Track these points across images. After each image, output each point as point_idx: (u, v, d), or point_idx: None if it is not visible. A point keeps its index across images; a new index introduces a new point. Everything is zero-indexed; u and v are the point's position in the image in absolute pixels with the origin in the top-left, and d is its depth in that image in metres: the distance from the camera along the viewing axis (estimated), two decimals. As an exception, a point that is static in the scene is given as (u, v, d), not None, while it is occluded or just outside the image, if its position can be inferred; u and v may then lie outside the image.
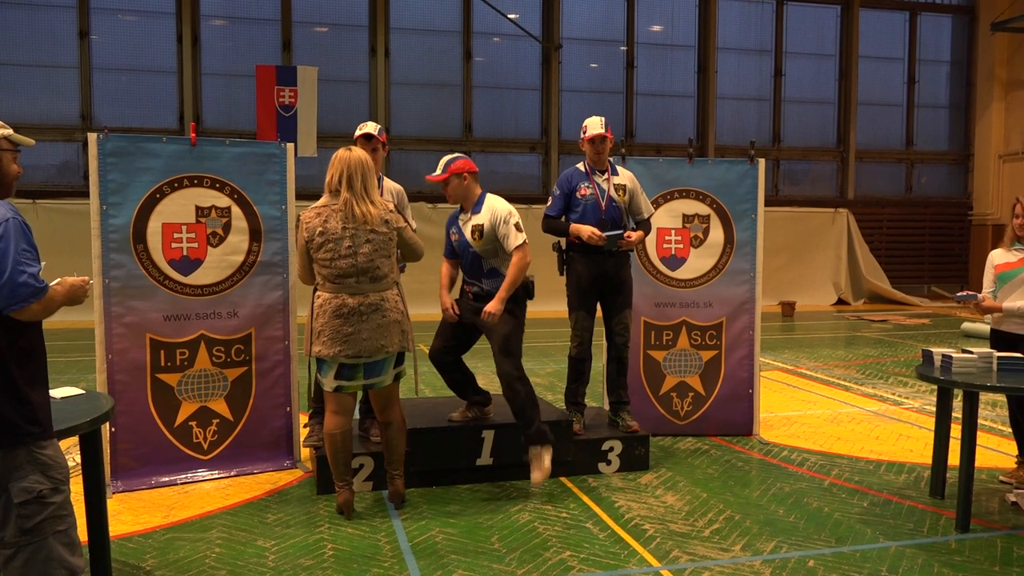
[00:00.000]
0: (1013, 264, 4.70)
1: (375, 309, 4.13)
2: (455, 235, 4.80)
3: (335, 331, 4.10)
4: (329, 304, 4.11)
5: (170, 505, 4.50)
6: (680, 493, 4.76)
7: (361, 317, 4.11)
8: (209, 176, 4.90)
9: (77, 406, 3.24)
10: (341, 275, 4.10)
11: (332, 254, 4.09)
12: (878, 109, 17.75)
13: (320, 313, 4.13)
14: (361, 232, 4.10)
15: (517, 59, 15.89)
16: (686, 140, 6.83)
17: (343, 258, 4.08)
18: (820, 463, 5.38)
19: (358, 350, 4.11)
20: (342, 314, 4.09)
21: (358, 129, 4.83)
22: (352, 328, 4.10)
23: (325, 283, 4.14)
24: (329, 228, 4.09)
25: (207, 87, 14.40)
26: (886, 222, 17.68)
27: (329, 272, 4.12)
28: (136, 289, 4.73)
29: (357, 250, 4.09)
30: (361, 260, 4.10)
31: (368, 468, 4.72)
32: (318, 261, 4.14)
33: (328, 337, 4.11)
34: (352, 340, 4.10)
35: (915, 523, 4.30)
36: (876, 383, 8.20)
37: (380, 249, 4.14)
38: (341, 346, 4.10)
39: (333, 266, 4.10)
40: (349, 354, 4.11)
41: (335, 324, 4.10)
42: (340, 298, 4.10)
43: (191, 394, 4.88)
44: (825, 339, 11.82)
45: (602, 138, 5.15)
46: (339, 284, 4.11)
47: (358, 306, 4.10)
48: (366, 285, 4.12)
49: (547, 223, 5.29)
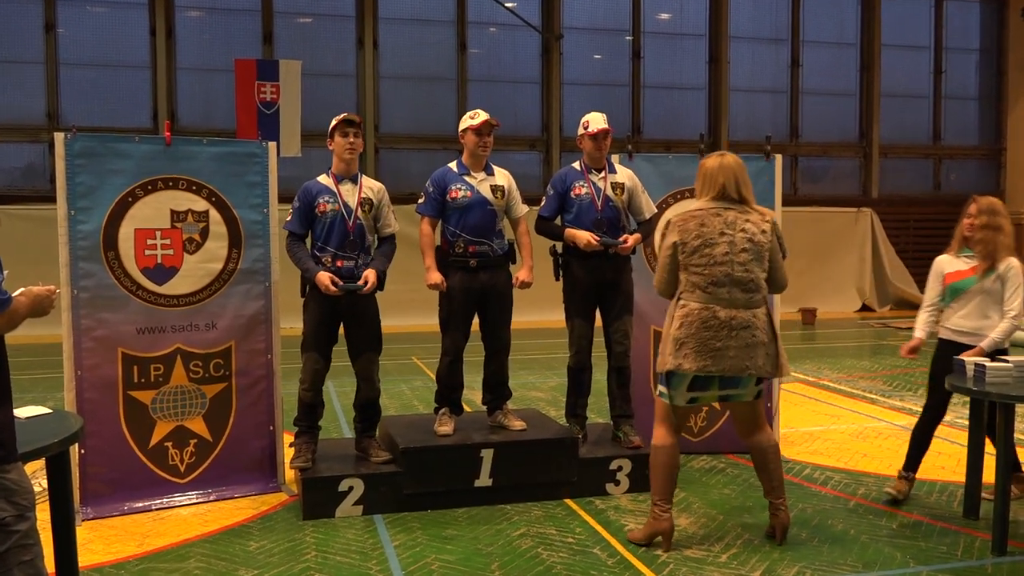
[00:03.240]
0: (965, 273, 4.66)
1: (745, 326, 4.10)
2: (460, 191, 4.96)
3: (702, 344, 4.07)
4: (698, 315, 4.09)
5: (144, 533, 4.49)
6: (694, 515, 4.75)
7: (731, 333, 4.08)
8: (185, 178, 4.90)
9: (44, 426, 3.23)
10: (714, 284, 4.09)
11: (707, 259, 4.08)
12: (903, 101, 17.79)
13: (686, 324, 4.10)
14: (739, 239, 4.10)
15: (515, 50, 15.93)
16: (697, 136, 6.84)
17: (719, 265, 4.09)
18: (845, 482, 5.38)
19: (722, 368, 4.08)
20: (711, 326, 4.08)
21: (336, 118, 4.85)
22: (721, 343, 4.08)
23: (695, 291, 4.12)
24: (706, 231, 4.10)
25: (182, 83, 14.43)
26: (913, 222, 17.69)
27: (701, 279, 4.10)
28: (107, 300, 4.73)
29: (734, 259, 4.09)
30: (737, 270, 4.10)
31: (358, 491, 4.71)
32: (689, 267, 4.12)
33: (692, 350, 4.07)
34: (718, 356, 4.07)
35: (948, 546, 4.29)
36: (904, 395, 8.19)
37: (756, 260, 4.14)
38: (706, 361, 4.07)
39: (707, 273, 4.09)
40: (713, 371, 4.08)
41: (703, 336, 4.07)
42: (711, 309, 4.09)
43: (166, 413, 4.87)
44: (849, 348, 11.81)
45: (606, 133, 5.17)
46: (711, 294, 4.10)
47: (729, 320, 4.09)
48: (739, 298, 4.11)
49: (541, 225, 5.31)
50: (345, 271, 4.78)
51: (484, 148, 5.06)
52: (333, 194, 4.82)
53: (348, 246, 4.80)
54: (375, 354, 4.97)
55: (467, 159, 5.11)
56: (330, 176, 4.90)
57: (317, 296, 4.77)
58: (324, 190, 4.84)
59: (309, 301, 4.86)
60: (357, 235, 4.82)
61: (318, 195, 4.82)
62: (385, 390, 6.23)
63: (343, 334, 4.95)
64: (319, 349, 4.85)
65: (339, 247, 4.79)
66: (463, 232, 4.99)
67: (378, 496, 4.75)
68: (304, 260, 4.78)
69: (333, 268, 4.76)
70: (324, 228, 4.80)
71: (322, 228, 4.81)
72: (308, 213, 4.83)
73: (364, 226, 4.86)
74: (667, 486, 4.23)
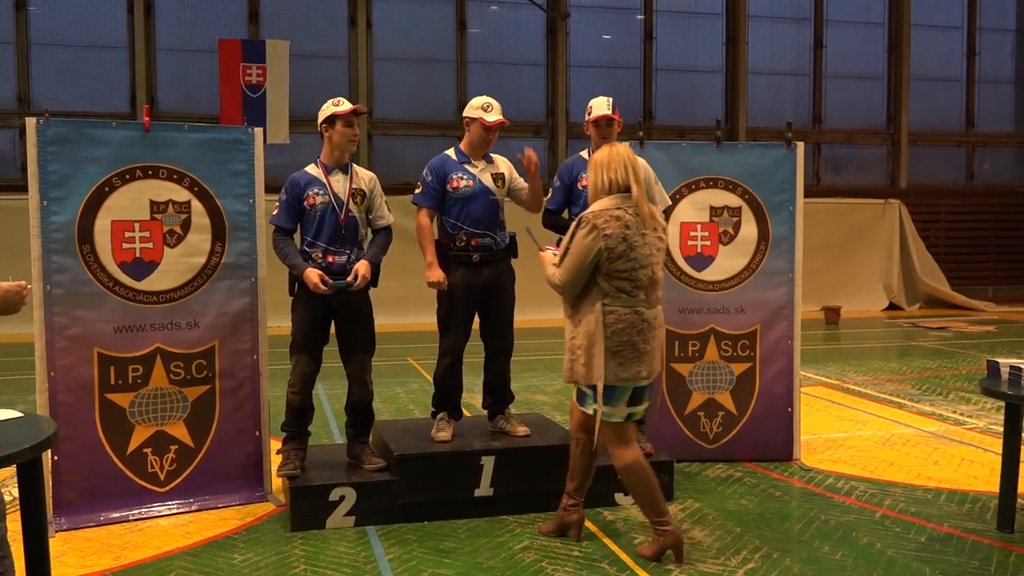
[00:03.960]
0: None
1: (660, 325, 4.26)
2: (461, 181, 4.98)
3: (635, 350, 4.14)
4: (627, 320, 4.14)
5: (122, 545, 4.50)
6: (709, 527, 4.75)
7: (653, 333, 4.19)
8: (165, 166, 4.90)
9: (14, 431, 3.23)
10: (639, 287, 4.15)
11: (633, 263, 4.12)
12: (934, 85, 17.78)
13: (617, 331, 4.12)
14: (651, 239, 4.19)
15: (518, 30, 15.93)
16: (713, 122, 6.84)
17: (643, 268, 4.14)
18: (871, 492, 5.38)
19: (651, 370, 4.21)
20: (641, 330, 4.15)
21: (334, 103, 4.83)
22: (648, 345, 4.17)
23: (620, 295, 4.15)
24: (630, 234, 4.12)
25: (162, 64, 14.45)
26: (944, 215, 17.69)
27: (628, 284, 4.14)
28: (82, 296, 4.73)
29: (652, 260, 4.18)
30: (656, 271, 4.20)
31: (350, 500, 4.72)
32: (613, 272, 4.13)
33: (627, 358, 4.13)
34: (647, 359, 4.18)
35: (980, 561, 4.29)
36: (934, 400, 8.19)
37: (662, 258, 4.29)
38: (640, 367, 4.15)
39: (633, 277, 4.13)
40: (645, 375, 4.18)
41: (635, 341, 4.14)
42: (639, 313, 4.15)
43: (146, 417, 4.87)
44: (875, 349, 11.81)
45: (608, 120, 5.16)
46: (635, 297, 4.16)
47: (653, 320, 4.20)
48: (654, 298, 4.23)
49: (547, 219, 5.31)
50: (336, 267, 4.78)
51: (488, 144, 5.10)
52: (323, 185, 4.82)
53: (340, 240, 4.80)
54: (368, 355, 4.97)
55: (467, 148, 5.11)
56: (319, 166, 4.89)
57: (306, 294, 4.77)
58: (313, 181, 4.84)
59: (298, 300, 4.86)
60: (349, 229, 4.82)
61: (307, 187, 4.82)
62: (379, 393, 6.23)
63: (334, 333, 4.95)
64: (309, 351, 4.86)
65: (330, 242, 4.79)
66: (465, 224, 4.99)
67: (371, 506, 4.75)
68: (292, 256, 4.78)
69: (324, 264, 4.77)
70: (314, 222, 4.80)
71: (312, 222, 4.81)
72: (296, 206, 4.82)
73: (357, 219, 4.86)
74: (657, 501, 4.27)
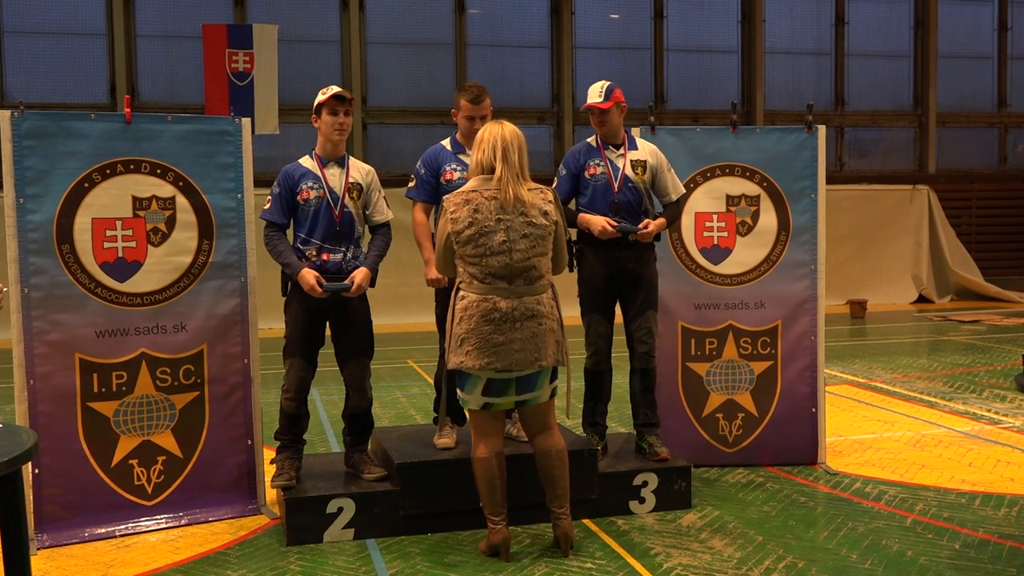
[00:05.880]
0: None
1: (531, 316, 4.22)
2: (456, 172, 5.01)
3: (483, 339, 4.17)
4: (477, 308, 4.18)
5: (107, 562, 4.51)
6: (730, 536, 4.76)
7: (514, 324, 4.18)
8: (148, 160, 4.91)
9: (-7, 443, 3.24)
10: (492, 275, 4.18)
11: (482, 249, 4.15)
12: (963, 63, 17.73)
13: (465, 317, 4.19)
14: (517, 224, 4.17)
15: (521, 10, 15.92)
16: (728, 105, 6.83)
17: (496, 255, 4.15)
18: (901, 497, 5.38)
19: (509, 363, 4.20)
20: (492, 320, 4.16)
21: (323, 92, 4.84)
22: (504, 337, 4.17)
23: (473, 281, 4.20)
24: (480, 218, 4.15)
25: (144, 51, 14.46)
26: (976, 201, 17.66)
27: (478, 270, 4.19)
28: (62, 299, 4.74)
29: (513, 247, 4.16)
30: (517, 258, 4.18)
31: (348, 512, 4.72)
32: (464, 257, 4.20)
33: (474, 347, 4.17)
34: (503, 352, 4.18)
35: (1018, 568, 4.28)
36: (968, 398, 8.18)
37: (538, 246, 4.24)
38: (489, 358, 4.18)
39: (483, 264, 4.16)
40: (498, 367, 4.20)
41: (484, 331, 4.17)
42: (491, 300, 4.18)
43: (131, 426, 4.89)
44: (904, 345, 11.79)
45: (597, 111, 5.15)
46: (490, 284, 4.19)
47: (511, 311, 4.18)
48: (521, 287, 4.21)
49: None
50: (332, 266, 4.78)
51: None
52: (317, 179, 4.82)
53: (335, 237, 4.80)
54: (366, 359, 4.98)
55: (462, 137, 5.12)
56: (314, 158, 4.90)
57: (300, 295, 4.78)
58: (307, 174, 4.84)
59: (292, 300, 4.87)
60: (345, 225, 4.83)
61: (300, 180, 4.82)
62: (378, 398, 6.24)
63: (330, 336, 4.96)
64: (304, 354, 4.86)
65: (325, 239, 4.79)
66: None
67: (371, 518, 4.76)
68: (286, 255, 4.78)
69: (319, 262, 4.77)
70: (308, 217, 4.80)
71: (305, 217, 4.81)
72: (289, 200, 4.83)
73: (353, 215, 4.86)
74: (496, 503, 4.37)
